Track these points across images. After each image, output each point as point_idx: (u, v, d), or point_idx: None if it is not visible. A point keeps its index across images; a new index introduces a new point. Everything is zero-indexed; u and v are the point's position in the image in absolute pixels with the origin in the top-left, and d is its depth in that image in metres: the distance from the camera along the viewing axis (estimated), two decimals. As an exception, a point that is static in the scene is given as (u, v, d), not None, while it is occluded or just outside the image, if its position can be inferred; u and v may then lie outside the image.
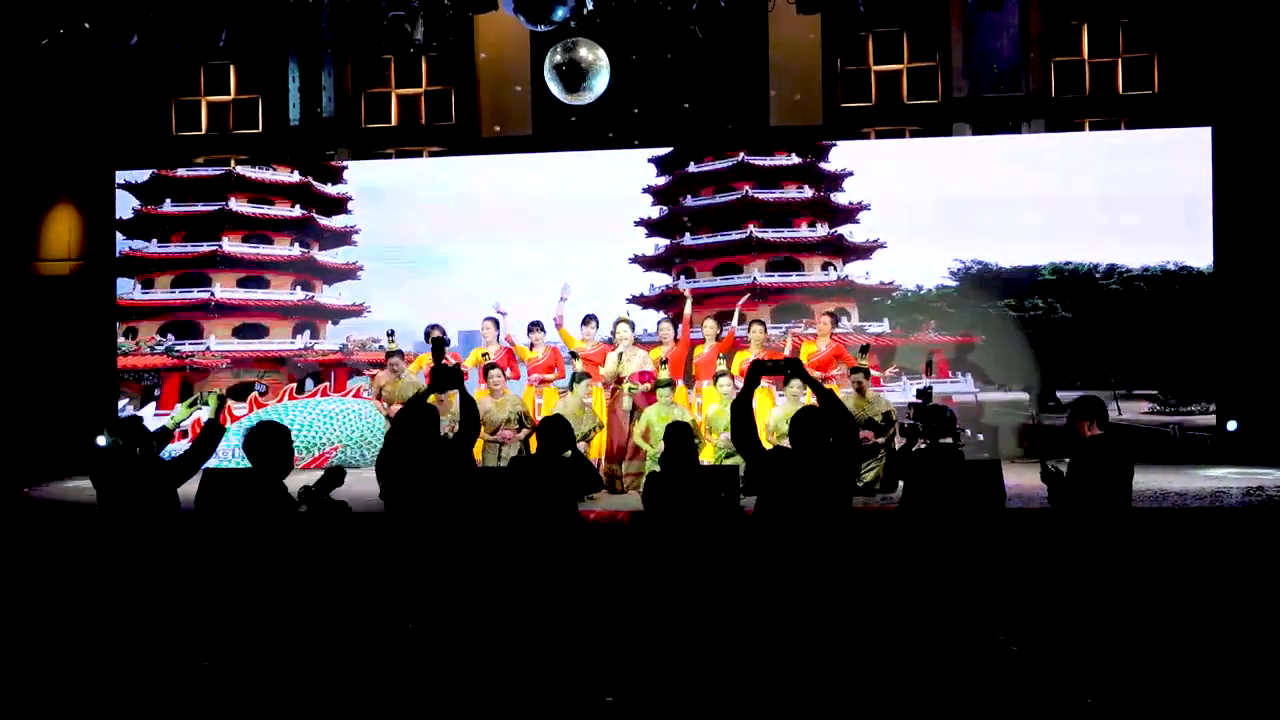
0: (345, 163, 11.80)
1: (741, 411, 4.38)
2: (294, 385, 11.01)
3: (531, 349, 9.22)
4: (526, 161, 11.47)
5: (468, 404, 4.91)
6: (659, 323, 9.30)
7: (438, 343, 5.62)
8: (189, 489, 4.63)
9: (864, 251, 11.63)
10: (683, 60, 10.91)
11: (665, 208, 11.80)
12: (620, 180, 11.53)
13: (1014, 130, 11.15)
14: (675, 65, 11.03)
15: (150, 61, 11.46)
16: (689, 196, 11.84)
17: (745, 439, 4.37)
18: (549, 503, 4.55)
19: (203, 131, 12.20)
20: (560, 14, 8.28)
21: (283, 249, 11.90)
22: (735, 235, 11.81)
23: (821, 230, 11.71)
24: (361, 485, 5.05)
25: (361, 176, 11.76)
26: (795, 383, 8.33)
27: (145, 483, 4.58)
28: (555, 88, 8.68)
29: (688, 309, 9.21)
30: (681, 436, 4.82)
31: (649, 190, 11.74)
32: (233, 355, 11.63)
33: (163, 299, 11.71)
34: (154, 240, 11.73)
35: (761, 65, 11.39)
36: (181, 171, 11.71)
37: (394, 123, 12.10)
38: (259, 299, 11.80)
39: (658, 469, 5.39)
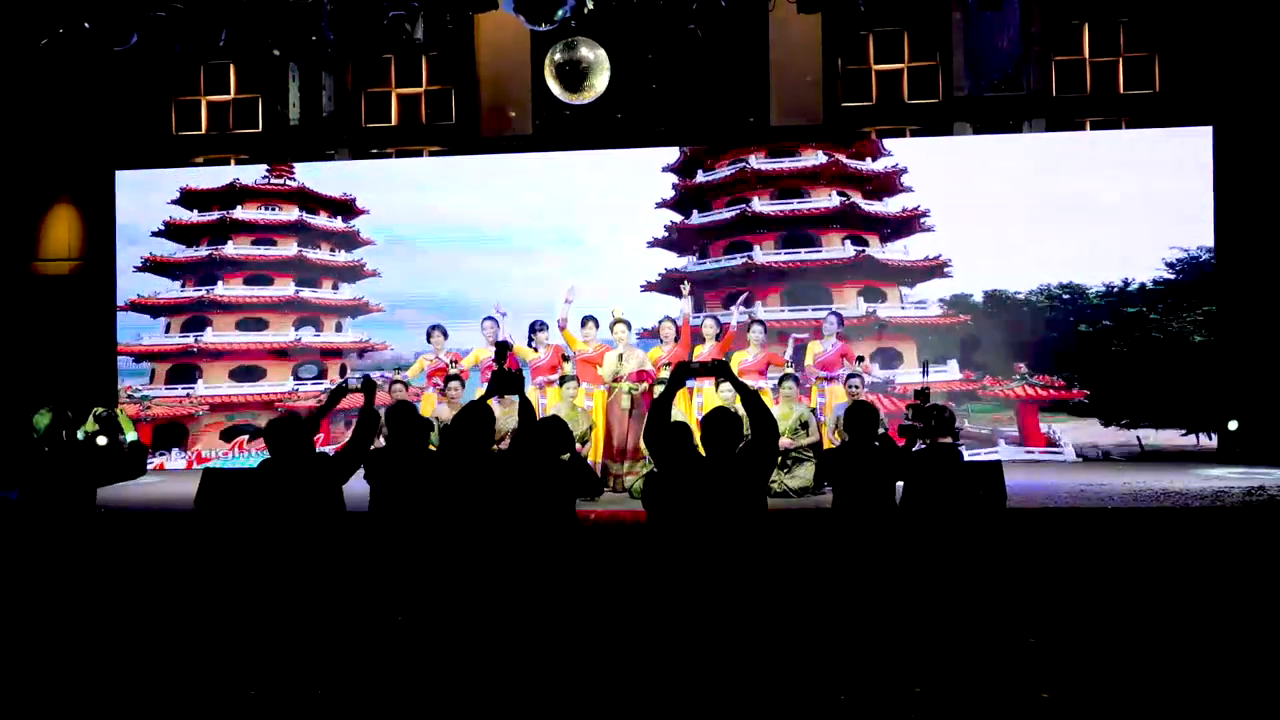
0: (354, 195, 11.50)
1: (659, 412, 4.23)
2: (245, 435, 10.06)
3: (535, 350, 9.16)
4: (535, 165, 11.26)
5: (527, 409, 4.70)
6: (660, 321, 9.21)
7: (500, 346, 5.52)
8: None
9: (917, 274, 10.49)
10: (684, 60, 10.82)
11: (672, 225, 11.09)
12: (637, 184, 11.05)
13: (1014, 130, 11.10)
14: (676, 65, 10.94)
15: (150, 61, 11.28)
16: (696, 211, 11.18)
17: (657, 441, 4.20)
18: (544, 505, 4.43)
19: (203, 131, 12.16)
20: (561, 13, 8.27)
21: (280, 290, 11.63)
22: (739, 260, 10.92)
23: (856, 248, 10.58)
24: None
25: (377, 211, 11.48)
26: (789, 383, 8.51)
27: (315, 483, 4.42)
28: (556, 87, 8.66)
29: (686, 306, 9.12)
30: (680, 438, 4.69)
31: (662, 205, 11.09)
32: (209, 401, 11.35)
33: (158, 344, 11.57)
34: (179, 282, 11.64)
35: (762, 64, 11.32)
36: (195, 217, 11.56)
37: (394, 122, 12.04)
38: (248, 342, 11.52)
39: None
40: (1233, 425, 10.34)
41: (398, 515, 4.52)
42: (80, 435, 4.95)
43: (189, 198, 11.63)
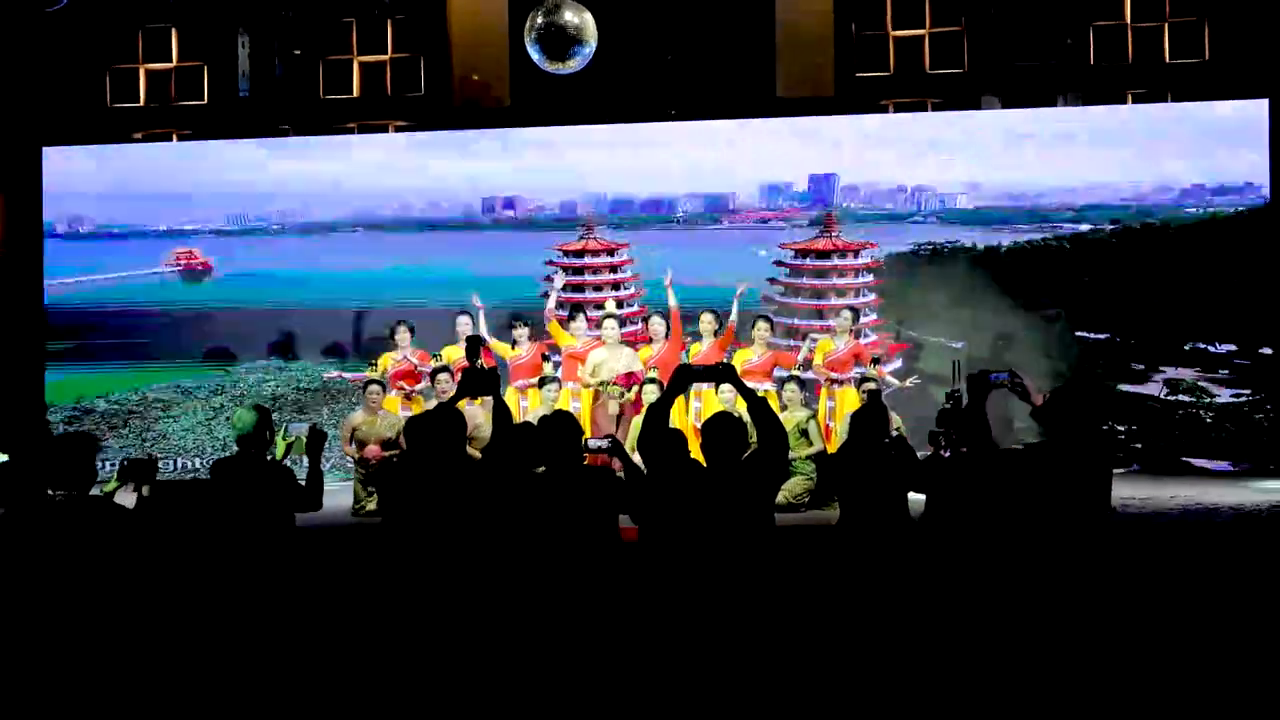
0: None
1: (655, 419, 4.19)
2: None
3: (514, 346, 8.81)
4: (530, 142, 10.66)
5: (502, 413, 4.55)
6: (649, 315, 8.90)
7: (472, 341, 5.40)
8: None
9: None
10: (680, 25, 10.35)
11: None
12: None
13: (1048, 103, 10.54)
14: (671, 30, 10.45)
15: (83, 26, 10.87)
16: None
17: (651, 448, 4.16)
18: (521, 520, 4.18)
19: (141, 103, 11.64)
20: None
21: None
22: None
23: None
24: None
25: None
26: (793, 386, 8.19)
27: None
28: (536, 55, 8.26)
29: (672, 301, 8.63)
30: (676, 447, 4.36)
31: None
32: None
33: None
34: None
35: (768, 30, 10.76)
36: None
37: (356, 94, 11.52)
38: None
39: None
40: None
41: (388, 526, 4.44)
42: None
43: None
